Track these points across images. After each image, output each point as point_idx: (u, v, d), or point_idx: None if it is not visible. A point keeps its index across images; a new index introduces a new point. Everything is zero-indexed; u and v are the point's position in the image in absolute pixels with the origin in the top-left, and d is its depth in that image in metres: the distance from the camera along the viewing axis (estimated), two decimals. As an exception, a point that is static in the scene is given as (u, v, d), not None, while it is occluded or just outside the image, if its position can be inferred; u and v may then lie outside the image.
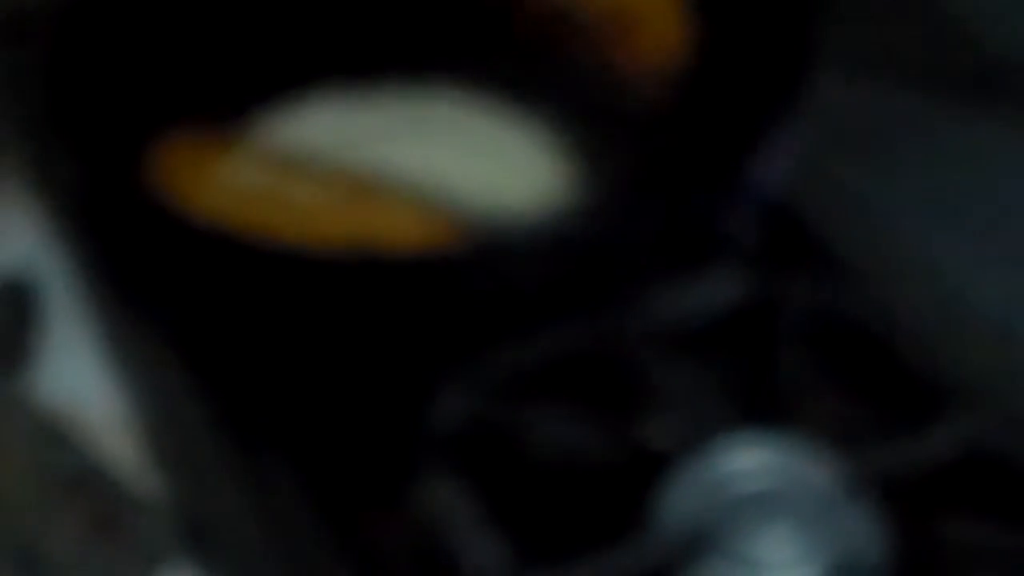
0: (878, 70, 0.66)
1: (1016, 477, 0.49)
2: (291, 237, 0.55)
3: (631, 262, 0.56)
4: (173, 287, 0.57)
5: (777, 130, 0.58)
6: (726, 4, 0.66)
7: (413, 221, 0.58)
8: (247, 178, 0.59)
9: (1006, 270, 0.59)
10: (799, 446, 0.49)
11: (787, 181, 0.61)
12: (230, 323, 0.55)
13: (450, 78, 0.68)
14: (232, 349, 0.55)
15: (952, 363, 0.53)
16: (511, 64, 0.69)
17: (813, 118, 0.59)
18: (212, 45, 0.68)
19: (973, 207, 0.62)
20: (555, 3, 0.71)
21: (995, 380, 0.53)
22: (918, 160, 0.64)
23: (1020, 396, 0.53)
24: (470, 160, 0.64)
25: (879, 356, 0.54)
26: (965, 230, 0.61)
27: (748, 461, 0.48)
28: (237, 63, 0.68)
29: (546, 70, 0.68)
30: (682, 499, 0.47)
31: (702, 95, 0.65)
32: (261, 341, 0.55)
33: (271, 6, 0.71)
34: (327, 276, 0.53)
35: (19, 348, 0.57)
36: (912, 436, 0.50)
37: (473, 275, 0.53)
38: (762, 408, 0.52)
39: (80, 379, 0.57)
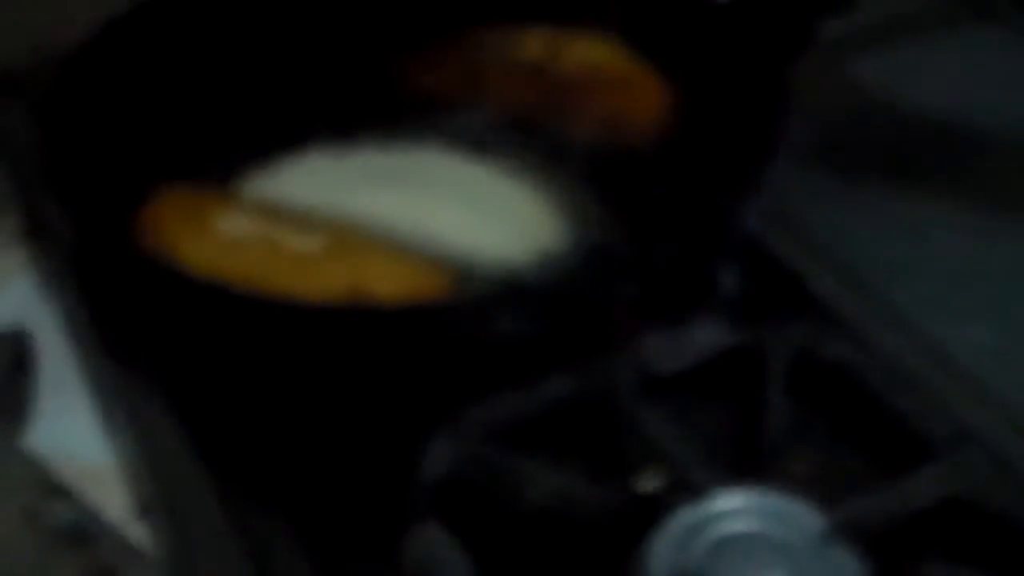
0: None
1: (997, 524, 0.49)
2: (281, 288, 0.56)
3: (619, 312, 0.56)
4: (164, 338, 0.57)
5: (757, 182, 0.59)
6: (700, 73, 0.67)
7: (403, 272, 0.58)
8: (237, 231, 0.60)
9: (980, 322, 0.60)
10: (785, 493, 0.49)
11: (767, 230, 0.63)
12: (221, 374, 0.56)
13: (435, 131, 0.69)
14: (222, 400, 0.55)
15: (933, 408, 0.54)
16: (495, 118, 0.70)
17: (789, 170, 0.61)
18: (202, 103, 0.70)
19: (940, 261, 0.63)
20: (534, 61, 0.73)
21: (975, 424, 0.54)
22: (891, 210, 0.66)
23: (998, 440, 0.53)
24: (456, 208, 0.65)
25: (863, 403, 0.55)
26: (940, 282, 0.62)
27: (735, 508, 0.49)
28: (227, 120, 0.69)
29: (529, 124, 0.70)
30: (670, 546, 0.47)
31: (685, 150, 0.66)
32: (252, 391, 0.55)
33: (259, 66, 0.73)
34: (318, 326, 0.53)
35: (15, 399, 0.57)
36: (895, 482, 0.51)
37: (464, 324, 0.53)
38: (749, 454, 0.53)
39: (74, 429, 0.57)
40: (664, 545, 0.47)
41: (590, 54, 0.72)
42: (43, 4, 0.79)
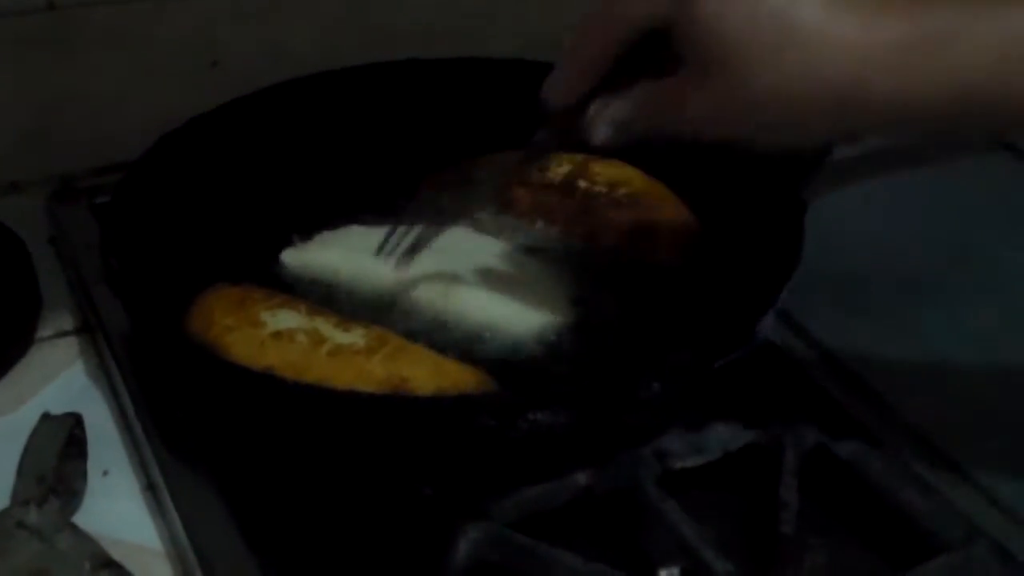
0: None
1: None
2: (322, 379, 0.59)
3: (642, 410, 0.59)
4: (212, 425, 0.60)
5: (775, 294, 0.62)
6: (717, 191, 0.72)
7: (439, 367, 0.61)
8: (282, 324, 0.62)
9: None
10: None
11: (783, 337, 0.66)
12: (266, 459, 0.58)
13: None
14: (267, 484, 0.58)
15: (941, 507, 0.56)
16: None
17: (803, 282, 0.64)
18: (247, 205, 0.74)
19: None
20: (563, 179, 0.77)
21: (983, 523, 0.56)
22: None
23: (1006, 539, 0.55)
24: (477, 280, 0.68)
25: (873, 500, 0.57)
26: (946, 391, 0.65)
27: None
28: (271, 221, 0.73)
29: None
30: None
31: (705, 263, 0.69)
32: (295, 477, 0.58)
33: (297, 172, 0.77)
34: (359, 415, 0.56)
35: (68, 480, 0.59)
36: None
37: (495, 417, 0.55)
38: (764, 547, 0.55)
39: (123, 511, 0.59)
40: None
41: (615, 173, 0.76)
42: (99, 119, 0.84)
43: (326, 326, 0.62)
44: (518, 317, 0.65)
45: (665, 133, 0.56)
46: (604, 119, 0.57)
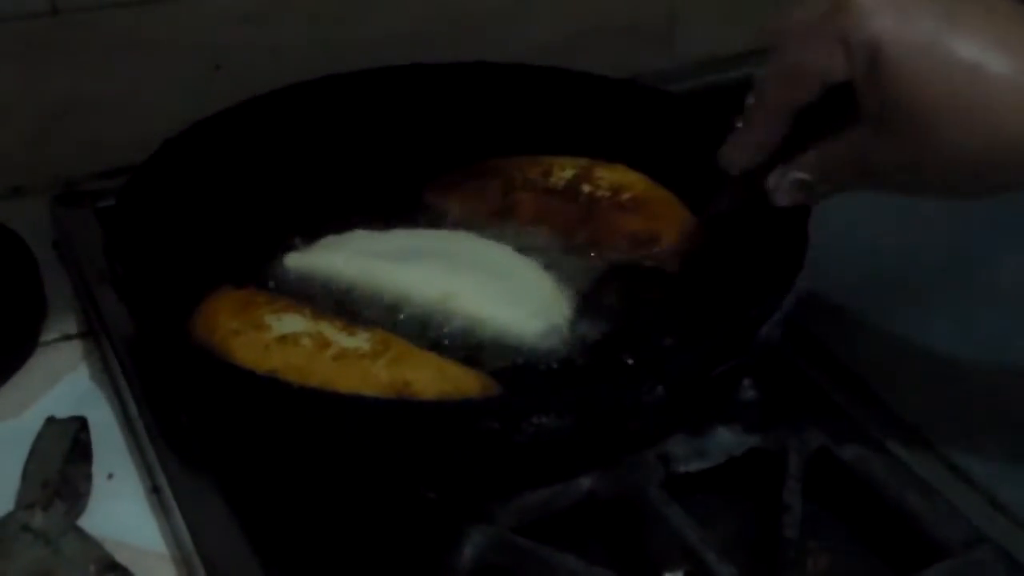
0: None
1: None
2: (326, 383, 0.59)
3: (649, 415, 0.59)
4: (217, 428, 0.60)
5: (778, 298, 0.62)
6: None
7: (443, 371, 0.61)
8: (287, 328, 0.62)
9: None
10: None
11: (787, 341, 0.66)
12: (270, 462, 0.58)
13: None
14: (272, 487, 0.58)
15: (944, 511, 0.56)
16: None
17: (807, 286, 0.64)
18: (249, 209, 0.74)
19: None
20: (566, 183, 0.77)
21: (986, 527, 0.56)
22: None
23: (1009, 543, 0.55)
24: (476, 280, 0.68)
25: (876, 505, 0.57)
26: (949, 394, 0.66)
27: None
28: (271, 224, 0.74)
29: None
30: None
31: (709, 267, 0.69)
32: (300, 480, 0.58)
33: (299, 175, 0.78)
34: (364, 418, 0.56)
35: (73, 483, 0.59)
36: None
37: (499, 421, 0.56)
38: (768, 550, 0.55)
39: (127, 514, 0.59)
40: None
41: (618, 177, 0.76)
42: (103, 123, 0.84)
43: (331, 330, 0.62)
44: (521, 321, 0.66)
45: (848, 188, 0.57)
46: (789, 185, 0.58)
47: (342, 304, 0.68)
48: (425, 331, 0.66)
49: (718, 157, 0.61)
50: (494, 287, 0.68)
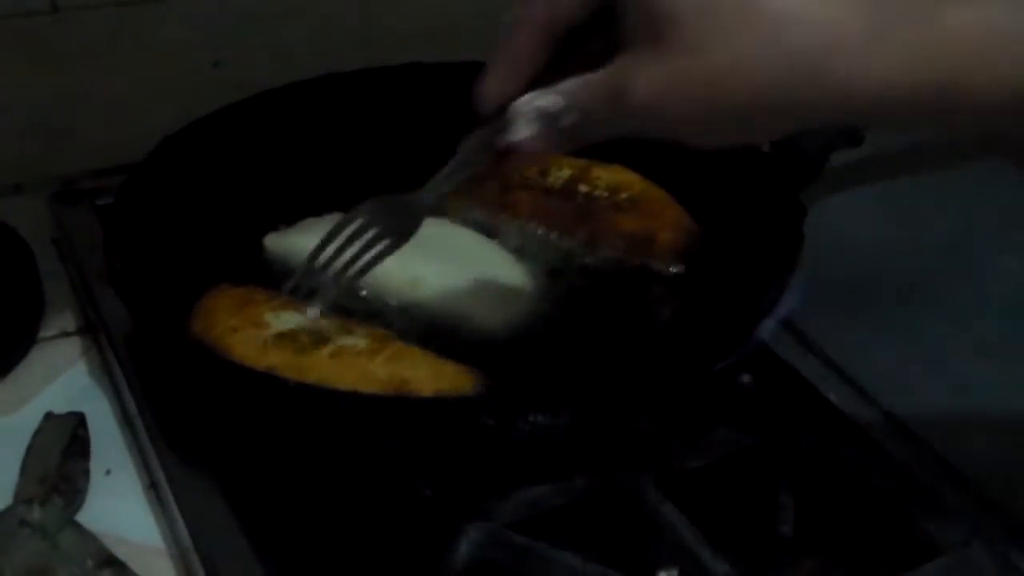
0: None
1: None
2: (323, 380, 0.59)
3: (645, 413, 0.59)
4: (215, 424, 0.60)
5: (774, 299, 0.63)
6: (717, 198, 0.72)
7: (439, 369, 0.61)
8: (285, 325, 0.63)
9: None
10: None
11: (782, 342, 0.66)
12: (268, 458, 0.59)
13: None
14: (270, 483, 0.58)
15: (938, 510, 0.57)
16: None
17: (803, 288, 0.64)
18: (246, 206, 0.74)
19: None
20: (564, 183, 0.77)
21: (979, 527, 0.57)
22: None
23: (1001, 542, 0.56)
24: (480, 285, 0.68)
25: (870, 504, 0.58)
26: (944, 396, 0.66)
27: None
28: (272, 217, 0.74)
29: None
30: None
31: (705, 268, 0.70)
32: (297, 476, 0.58)
33: (296, 172, 0.78)
34: (362, 415, 0.56)
35: (70, 479, 0.59)
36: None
37: (495, 418, 0.56)
38: (762, 549, 0.55)
39: (125, 510, 0.60)
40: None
41: (615, 177, 0.76)
42: (102, 120, 0.84)
43: (329, 327, 0.62)
44: (517, 320, 0.66)
45: (601, 131, 0.50)
46: (529, 112, 0.50)
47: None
48: (420, 330, 0.66)
49: (472, 95, 0.53)
50: (490, 288, 0.68)
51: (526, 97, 0.51)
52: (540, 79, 0.51)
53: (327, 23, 0.90)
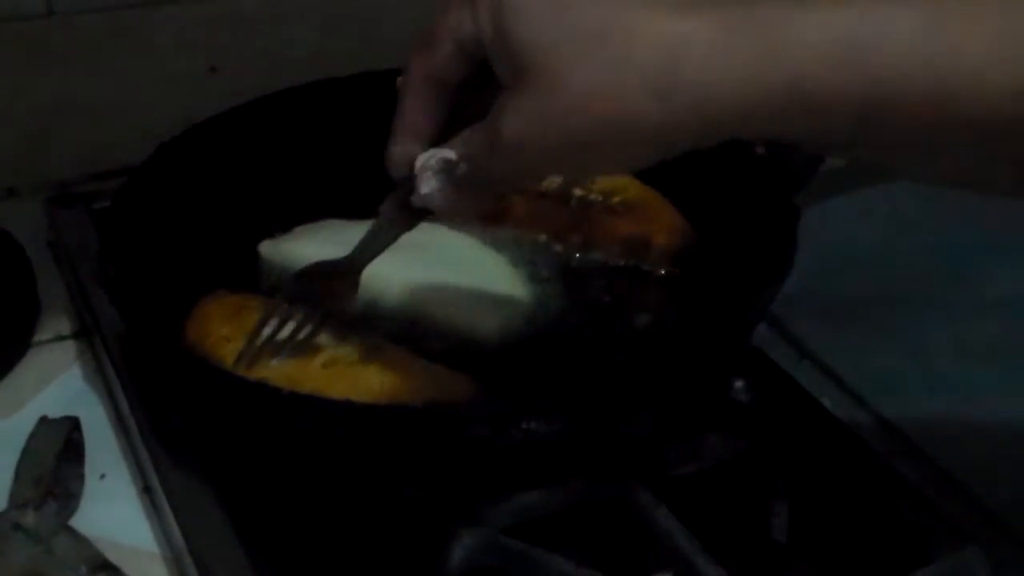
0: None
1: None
2: (316, 387, 0.59)
3: (638, 419, 0.59)
4: (209, 430, 0.61)
5: (766, 303, 0.63)
6: (711, 202, 0.72)
7: (434, 374, 0.61)
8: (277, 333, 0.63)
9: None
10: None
11: (775, 347, 0.66)
12: (262, 464, 0.59)
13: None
14: (263, 489, 0.58)
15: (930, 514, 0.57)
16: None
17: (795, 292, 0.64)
18: (243, 211, 0.74)
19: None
20: (558, 188, 0.77)
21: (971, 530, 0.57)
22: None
23: (993, 545, 0.56)
24: (474, 290, 0.69)
25: (863, 508, 0.58)
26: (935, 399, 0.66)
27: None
28: (268, 223, 0.74)
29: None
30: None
31: (699, 272, 0.70)
32: (291, 482, 0.58)
33: (293, 178, 0.78)
34: (355, 423, 0.56)
35: (65, 483, 0.60)
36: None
37: (488, 425, 0.56)
38: (755, 553, 0.55)
39: (119, 514, 0.60)
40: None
41: (610, 182, 0.76)
42: (98, 124, 0.84)
43: (322, 337, 0.62)
44: (510, 325, 0.66)
45: (491, 180, 0.50)
46: (433, 166, 0.52)
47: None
48: (412, 335, 0.66)
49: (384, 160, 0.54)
50: (484, 292, 0.68)
51: (429, 152, 0.52)
52: (446, 135, 0.52)
53: (323, 28, 0.90)
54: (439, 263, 0.69)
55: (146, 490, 0.61)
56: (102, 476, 0.62)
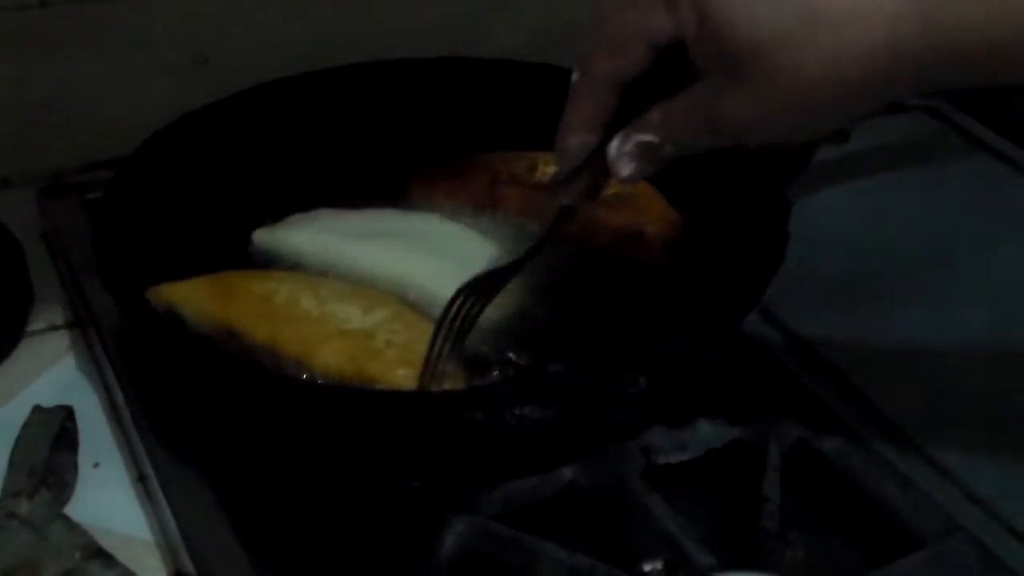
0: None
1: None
2: (303, 341, 0.60)
3: (630, 406, 0.60)
4: (203, 416, 0.61)
5: (759, 292, 0.63)
6: (704, 193, 0.72)
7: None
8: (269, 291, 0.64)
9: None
10: None
11: (767, 335, 0.67)
12: (256, 451, 0.59)
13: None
14: (258, 476, 0.59)
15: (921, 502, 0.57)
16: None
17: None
18: (235, 199, 0.75)
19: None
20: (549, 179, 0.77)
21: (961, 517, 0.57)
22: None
23: (983, 533, 0.56)
24: (433, 260, 0.69)
25: (854, 496, 0.58)
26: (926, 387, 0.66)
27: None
28: (261, 212, 0.74)
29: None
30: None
31: (691, 262, 0.70)
32: (285, 469, 0.58)
33: (283, 168, 0.78)
34: (348, 409, 0.56)
35: (58, 472, 0.60)
36: (883, 570, 0.54)
37: (482, 411, 0.56)
38: (746, 541, 0.56)
39: (113, 503, 0.60)
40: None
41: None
42: (90, 115, 0.84)
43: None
44: (502, 314, 0.66)
45: (697, 148, 0.54)
46: (632, 150, 0.55)
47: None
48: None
49: (553, 149, 0.58)
50: (447, 268, 0.68)
51: (620, 139, 0.55)
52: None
53: (315, 19, 0.90)
54: (432, 251, 0.70)
55: (140, 478, 0.61)
56: (96, 464, 0.62)
